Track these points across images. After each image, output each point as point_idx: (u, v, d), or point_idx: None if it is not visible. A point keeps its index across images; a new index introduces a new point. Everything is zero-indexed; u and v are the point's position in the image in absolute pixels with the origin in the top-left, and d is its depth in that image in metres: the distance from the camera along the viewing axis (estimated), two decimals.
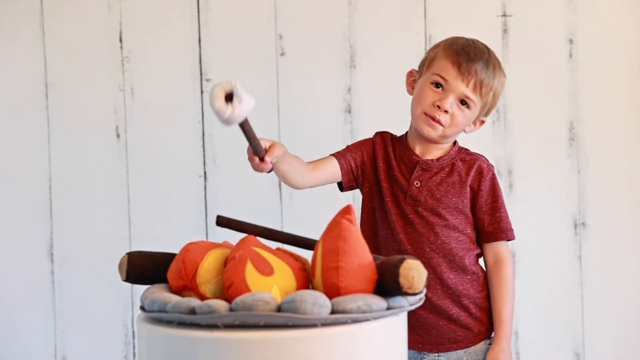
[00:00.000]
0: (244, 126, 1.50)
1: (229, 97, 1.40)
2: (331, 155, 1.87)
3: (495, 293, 1.85)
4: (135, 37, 2.59)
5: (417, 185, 1.82)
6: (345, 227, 1.39)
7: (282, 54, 2.57)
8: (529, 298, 2.57)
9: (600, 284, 2.59)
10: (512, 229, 1.86)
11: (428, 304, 1.81)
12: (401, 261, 1.34)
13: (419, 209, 1.81)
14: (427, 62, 1.84)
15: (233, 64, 2.57)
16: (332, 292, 1.36)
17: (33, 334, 2.60)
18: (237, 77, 2.58)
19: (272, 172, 1.72)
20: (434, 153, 1.85)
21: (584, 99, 2.58)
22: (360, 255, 1.39)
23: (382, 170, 1.85)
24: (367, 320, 1.32)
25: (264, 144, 1.65)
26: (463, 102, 1.79)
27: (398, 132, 1.97)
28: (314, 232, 1.61)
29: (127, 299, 2.60)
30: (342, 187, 1.89)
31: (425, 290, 1.41)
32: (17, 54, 2.58)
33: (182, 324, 1.32)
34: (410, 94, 1.87)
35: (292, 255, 1.49)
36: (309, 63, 2.58)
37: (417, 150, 1.86)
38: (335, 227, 1.40)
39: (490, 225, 1.84)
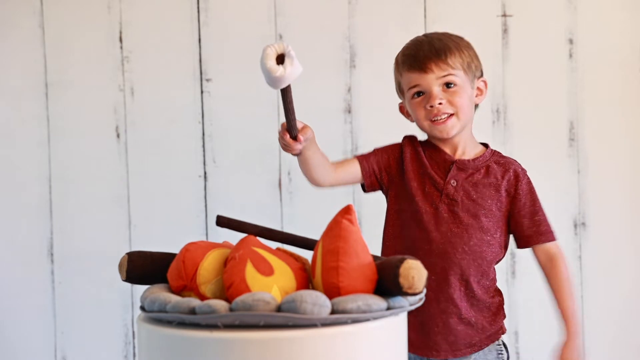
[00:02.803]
0: (287, 94, 1.50)
1: (280, 59, 1.41)
2: (355, 157, 1.86)
3: (555, 291, 1.83)
4: (135, 37, 2.59)
5: (453, 185, 1.80)
6: (345, 227, 1.39)
7: None
8: (529, 298, 2.57)
9: (600, 284, 2.59)
10: (552, 231, 1.84)
11: (451, 306, 1.80)
12: (401, 261, 1.34)
13: (455, 208, 1.79)
14: (398, 88, 1.86)
15: (233, 64, 2.58)
16: (332, 292, 1.36)
17: (33, 334, 2.60)
18: (237, 77, 2.61)
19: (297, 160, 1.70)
20: (467, 152, 1.84)
21: (584, 99, 2.58)
22: (360, 255, 1.39)
23: (411, 170, 1.82)
24: (367, 320, 1.32)
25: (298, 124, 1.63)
26: (448, 85, 1.78)
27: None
28: (314, 232, 1.61)
29: (127, 299, 2.60)
30: (365, 188, 1.88)
31: (425, 291, 1.41)
32: (17, 54, 2.58)
33: (182, 324, 1.32)
34: (412, 121, 1.86)
35: (292, 255, 1.49)
36: (309, 63, 2.57)
37: (448, 150, 1.84)
38: (335, 227, 1.40)
39: (529, 228, 1.83)
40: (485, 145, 1.88)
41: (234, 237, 1.52)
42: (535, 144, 2.58)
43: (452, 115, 1.78)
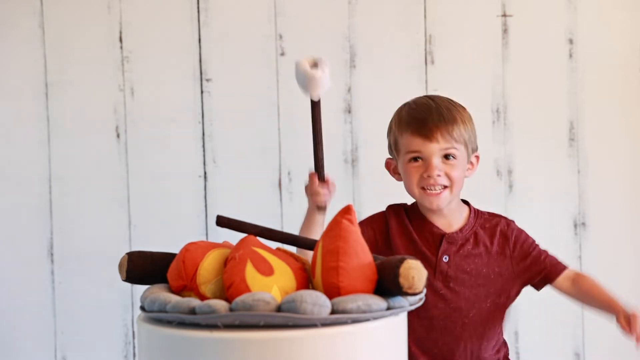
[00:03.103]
0: (317, 108, 1.51)
1: (314, 66, 1.44)
2: None
3: (591, 295, 1.79)
4: (135, 37, 2.58)
5: (445, 260, 1.78)
6: (345, 227, 1.39)
7: (282, 54, 2.57)
8: (529, 298, 2.57)
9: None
10: (559, 260, 1.82)
11: None
12: (401, 261, 1.34)
13: (450, 284, 1.77)
14: (394, 147, 1.81)
15: (233, 64, 2.57)
16: (332, 292, 1.36)
17: (33, 334, 2.60)
18: (237, 77, 2.61)
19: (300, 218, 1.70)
20: (454, 222, 1.80)
21: (584, 99, 2.58)
22: (360, 255, 1.39)
23: (400, 246, 1.79)
24: (367, 320, 1.32)
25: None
26: (447, 156, 1.74)
27: None
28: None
29: (127, 299, 2.60)
30: None
31: (425, 291, 1.41)
32: (17, 54, 2.58)
33: (182, 324, 1.32)
34: (399, 180, 1.82)
35: (292, 255, 1.49)
36: None
37: (437, 222, 1.80)
38: (335, 227, 1.40)
39: (541, 272, 1.81)
40: (467, 203, 1.85)
41: (234, 237, 1.52)
42: (535, 144, 2.58)
43: (446, 188, 1.75)
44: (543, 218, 2.57)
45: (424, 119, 1.74)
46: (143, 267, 1.50)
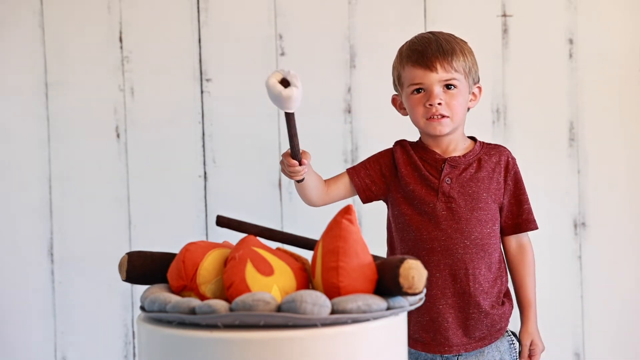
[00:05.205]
0: (293, 116, 1.52)
1: (284, 83, 1.44)
2: (346, 171, 1.90)
3: (521, 278, 1.91)
4: (135, 37, 2.59)
5: (448, 183, 1.84)
6: (345, 227, 1.39)
7: (282, 54, 2.57)
8: None
9: (600, 284, 2.59)
10: (535, 219, 1.91)
11: (459, 301, 1.83)
12: (401, 261, 1.34)
13: (452, 205, 1.82)
14: (397, 82, 1.89)
15: (233, 64, 2.58)
16: (332, 292, 1.36)
17: (33, 334, 2.60)
18: (237, 77, 2.61)
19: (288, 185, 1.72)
20: (457, 150, 1.88)
21: (584, 99, 2.58)
22: (360, 255, 1.39)
23: (407, 174, 1.86)
24: (367, 320, 1.32)
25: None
26: (448, 86, 1.81)
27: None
28: (314, 232, 1.61)
29: (127, 299, 2.60)
30: (362, 200, 1.92)
31: (425, 290, 1.41)
32: (17, 54, 2.58)
33: (182, 324, 1.32)
34: (404, 115, 1.90)
35: (292, 255, 1.49)
36: (309, 63, 2.58)
37: (439, 150, 1.88)
38: (335, 227, 1.40)
39: (518, 217, 1.89)
40: (474, 139, 1.92)
41: (234, 237, 1.52)
42: (535, 144, 2.58)
43: (446, 116, 1.82)
44: (543, 218, 2.56)
45: (424, 51, 1.82)
46: (143, 267, 1.50)
